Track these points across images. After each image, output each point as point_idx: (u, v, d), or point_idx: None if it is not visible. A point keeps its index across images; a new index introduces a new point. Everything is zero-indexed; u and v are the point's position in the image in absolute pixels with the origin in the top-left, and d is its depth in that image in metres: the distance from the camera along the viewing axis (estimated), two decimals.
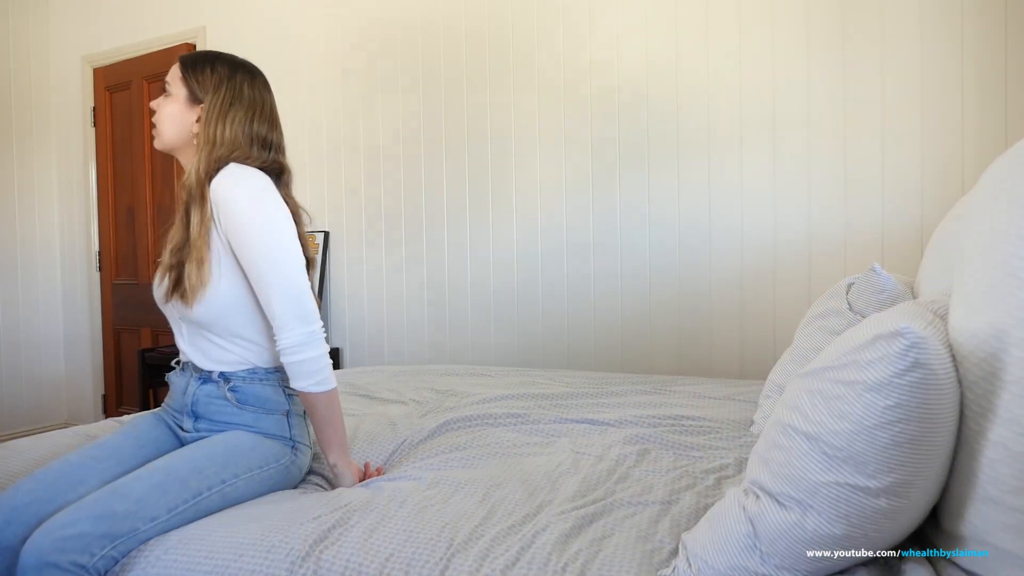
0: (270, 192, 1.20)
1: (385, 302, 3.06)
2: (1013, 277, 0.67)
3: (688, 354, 2.45)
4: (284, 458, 1.21)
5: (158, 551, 0.99)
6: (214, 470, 1.10)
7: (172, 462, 1.09)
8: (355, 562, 0.90)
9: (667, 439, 1.38)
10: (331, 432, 1.21)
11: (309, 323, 1.17)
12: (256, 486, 1.16)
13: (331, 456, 1.22)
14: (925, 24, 2.07)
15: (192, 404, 1.24)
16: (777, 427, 0.80)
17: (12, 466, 1.28)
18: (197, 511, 1.06)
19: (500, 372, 2.30)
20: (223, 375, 1.23)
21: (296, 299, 1.17)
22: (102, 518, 0.96)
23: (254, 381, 1.23)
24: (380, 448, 1.43)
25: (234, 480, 1.12)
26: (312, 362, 1.17)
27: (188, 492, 1.06)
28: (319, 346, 1.19)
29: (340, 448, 1.22)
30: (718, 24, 2.35)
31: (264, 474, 1.17)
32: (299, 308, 1.17)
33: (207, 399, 1.23)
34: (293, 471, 1.24)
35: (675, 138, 2.43)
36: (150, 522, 1.00)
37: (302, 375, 1.17)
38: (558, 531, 0.93)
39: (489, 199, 2.79)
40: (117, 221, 3.83)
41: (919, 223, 2.11)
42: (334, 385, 1.21)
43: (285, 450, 1.22)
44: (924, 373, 0.67)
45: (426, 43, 2.90)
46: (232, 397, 1.22)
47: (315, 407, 1.20)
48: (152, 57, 3.61)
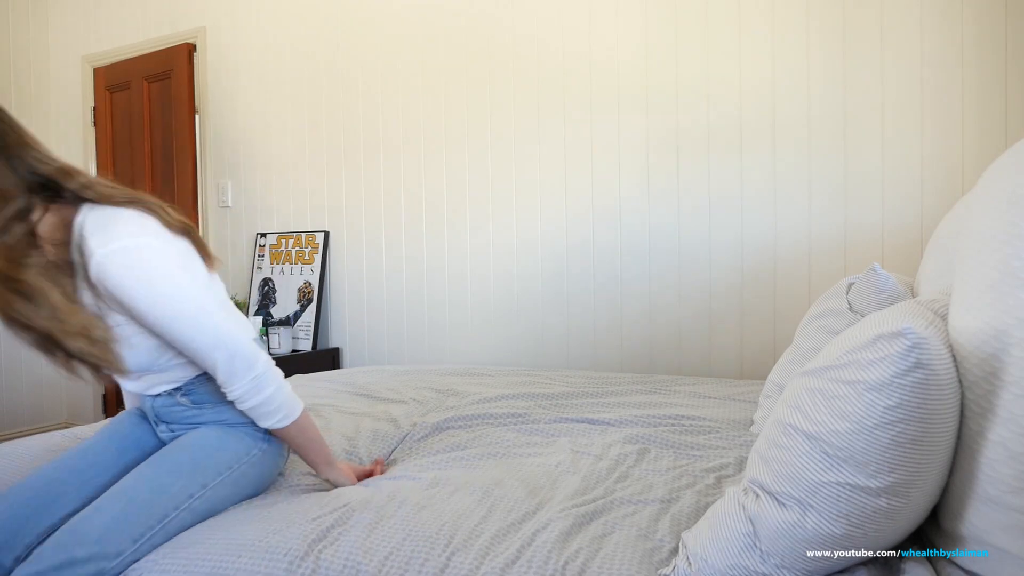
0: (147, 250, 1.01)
1: (385, 302, 3.06)
2: (1013, 277, 0.67)
3: (688, 354, 2.45)
4: (255, 449, 1.16)
5: (154, 553, 0.99)
6: (180, 485, 1.05)
7: (134, 485, 1.03)
8: (354, 561, 0.90)
9: (667, 438, 1.38)
10: (313, 454, 1.18)
11: (252, 368, 1.09)
12: (230, 490, 1.11)
13: (322, 473, 1.20)
14: (925, 24, 2.07)
15: (155, 414, 1.21)
16: (777, 426, 0.80)
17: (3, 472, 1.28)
18: (167, 534, 1.02)
19: (500, 372, 2.30)
20: (174, 389, 1.19)
21: (229, 351, 1.07)
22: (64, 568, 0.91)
23: (206, 380, 1.18)
24: (380, 445, 1.43)
25: (202, 491, 1.07)
26: (268, 402, 1.11)
27: (153, 518, 1.00)
28: (270, 383, 1.12)
29: (326, 463, 1.20)
30: (718, 24, 2.35)
31: (235, 475, 1.12)
32: (235, 359, 1.08)
33: (166, 408, 1.20)
34: (267, 462, 1.19)
35: (675, 139, 2.43)
36: (115, 559, 0.95)
37: (264, 416, 1.12)
38: (558, 530, 0.93)
39: (489, 199, 2.79)
40: None
41: (919, 223, 2.11)
42: (300, 410, 1.16)
43: (256, 440, 1.17)
44: (925, 373, 0.67)
45: (426, 42, 2.90)
46: (187, 401, 1.18)
47: (289, 438, 1.16)
48: (152, 57, 3.61)
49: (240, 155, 3.41)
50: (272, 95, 3.29)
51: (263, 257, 3.32)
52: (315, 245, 3.18)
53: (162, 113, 3.60)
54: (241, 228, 3.44)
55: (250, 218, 3.41)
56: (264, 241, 3.32)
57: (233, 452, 1.13)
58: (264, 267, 3.31)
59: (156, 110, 3.62)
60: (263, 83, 3.31)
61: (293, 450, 1.19)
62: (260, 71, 3.32)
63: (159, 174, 3.63)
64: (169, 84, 3.55)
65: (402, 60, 2.95)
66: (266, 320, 3.23)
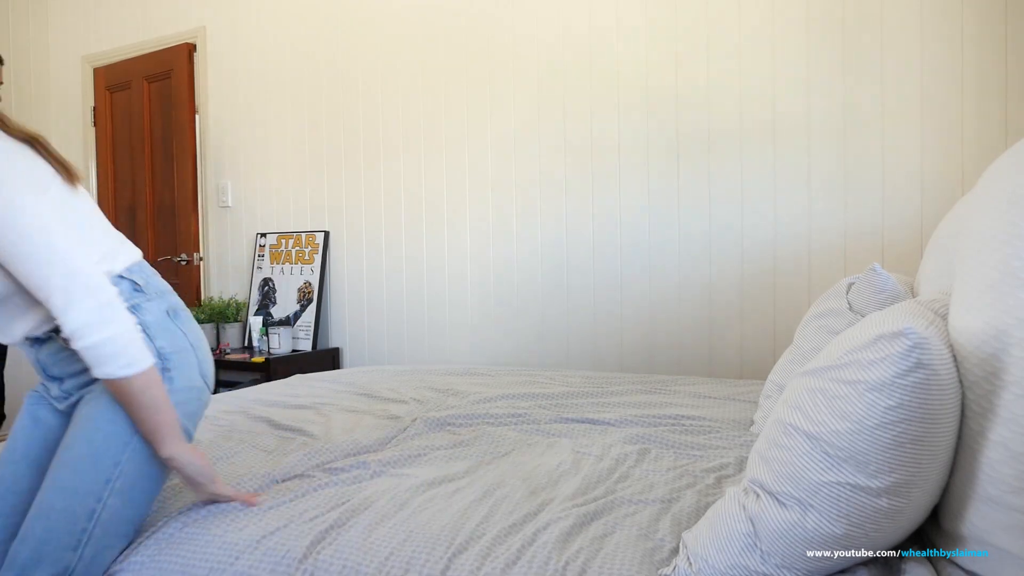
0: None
1: (385, 302, 3.06)
2: (1013, 277, 0.67)
3: (688, 354, 2.45)
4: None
5: (151, 550, 0.98)
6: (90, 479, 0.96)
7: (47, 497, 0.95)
8: (353, 562, 0.90)
9: (667, 439, 1.38)
10: (156, 421, 0.98)
11: (93, 293, 0.93)
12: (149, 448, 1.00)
13: (164, 449, 0.99)
14: (925, 24, 2.08)
15: (44, 370, 1.08)
16: (778, 426, 0.80)
17: None
18: (105, 530, 0.95)
19: (500, 372, 2.30)
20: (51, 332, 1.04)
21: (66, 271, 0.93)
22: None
23: None
24: (379, 436, 1.43)
25: (117, 468, 0.97)
26: (111, 341, 0.93)
27: (79, 522, 0.94)
28: (117, 319, 0.95)
29: (173, 435, 0.99)
30: (718, 25, 2.35)
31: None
32: (72, 280, 0.92)
33: (52, 359, 1.06)
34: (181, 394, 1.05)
35: (675, 139, 2.43)
36: (68, 571, 0.92)
37: (104, 360, 0.94)
38: (559, 530, 0.93)
39: (489, 199, 2.79)
40: (117, 220, 3.83)
41: (919, 223, 2.11)
42: (149, 362, 0.97)
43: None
44: (927, 374, 0.67)
45: (426, 42, 2.90)
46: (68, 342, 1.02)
47: (130, 396, 0.96)
48: (152, 57, 3.61)
49: (240, 155, 3.41)
50: (272, 95, 3.29)
51: (263, 257, 3.32)
52: (315, 245, 3.18)
53: (162, 113, 3.59)
54: (241, 228, 3.44)
55: (250, 218, 3.41)
56: (264, 241, 3.32)
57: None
58: (264, 267, 3.31)
59: (156, 110, 3.62)
60: (263, 83, 3.31)
61: (132, 416, 0.99)
62: (260, 71, 3.32)
63: (160, 174, 3.63)
64: (169, 84, 3.55)
65: (402, 60, 2.95)
66: (266, 320, 3.23)
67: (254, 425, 1.59)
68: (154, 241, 3.67)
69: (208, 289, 3.54)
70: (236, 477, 1.19)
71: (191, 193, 3.51)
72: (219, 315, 3.20)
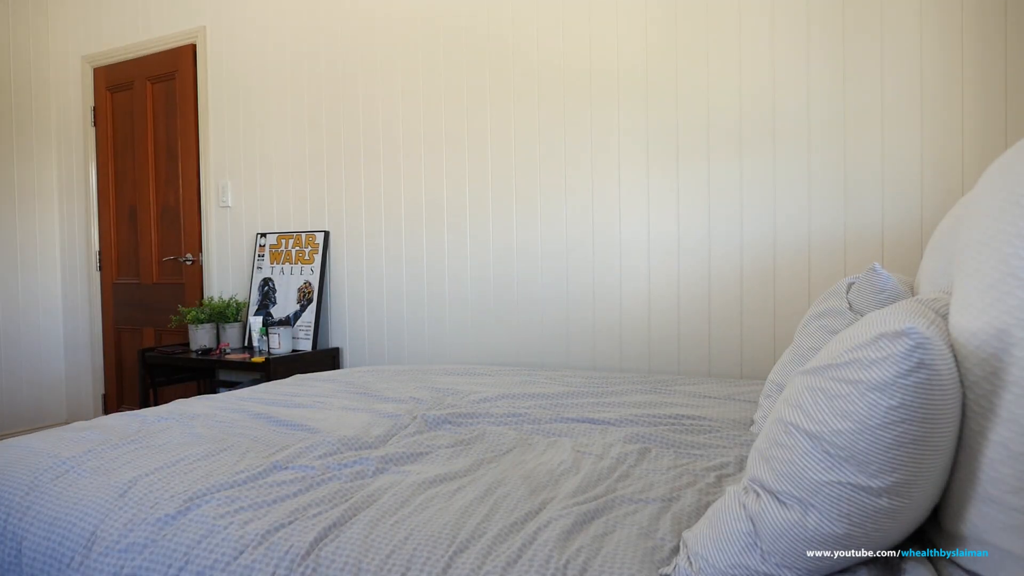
0: None
1: (385, 302, 3.06)
2: (1013, 277, 0.67)
3: (688, 354, 2.45)
4: None
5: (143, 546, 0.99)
6: None
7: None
8: (355, 559, 0.90)
9: (668, 438, 1.38)
10: None
11: None
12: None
13: None
14: (925, 24, 2.08)
15: None
16: (778, 425, 0.80)
17: None
18: None
19: (500, 372, 2.30)
20: None
21: None
22: None
23: None
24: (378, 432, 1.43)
25: None
26: None
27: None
28: None
29: None
30: (718, 25, 2.35)
31: None
32: None
33: None
34: None
35: (675, 138, 2.44)
36: None
37: None
38: (559, 528, 0.93)
39: (489, 199, 2.80)
40: (118, 221, 3.83)
41: (919, 223, 2.11)
42: None
43: None
44: (928, 374, 0.67)
45: (425, 43, 2.90)
46: None
47: None
48: (153, 57, 3.61)
49: (240, 155, 3.41)
50: (272, 95, 3.29)
51: (263, 257, 3.32)
52: (315, 245, 3.18)
53: (166, 113, 3.60)
54: (241, 228, 3.44)
55: (250, 218, 3.41)
56: (264, 241, 3.32)
57: None
58: (264, 267, 3.31)
59: (160, 111, 3.62)
60: (263, 83, 3.31)
61: None
62: (260, 71, 3.32)
63: (162, 174, 3.63)
64: (173, 85, 3.55)
65: (402, 60, 2.96)
66: (266, 320, 3.23)
67: (254, 423, 1.60)
68: (159, 240, 3.67)
69: (208, 289, 3.54)
70: (235, 472, 1.19)
71: (195, 194, 3.51)
72: (219, 315, 3.21)
